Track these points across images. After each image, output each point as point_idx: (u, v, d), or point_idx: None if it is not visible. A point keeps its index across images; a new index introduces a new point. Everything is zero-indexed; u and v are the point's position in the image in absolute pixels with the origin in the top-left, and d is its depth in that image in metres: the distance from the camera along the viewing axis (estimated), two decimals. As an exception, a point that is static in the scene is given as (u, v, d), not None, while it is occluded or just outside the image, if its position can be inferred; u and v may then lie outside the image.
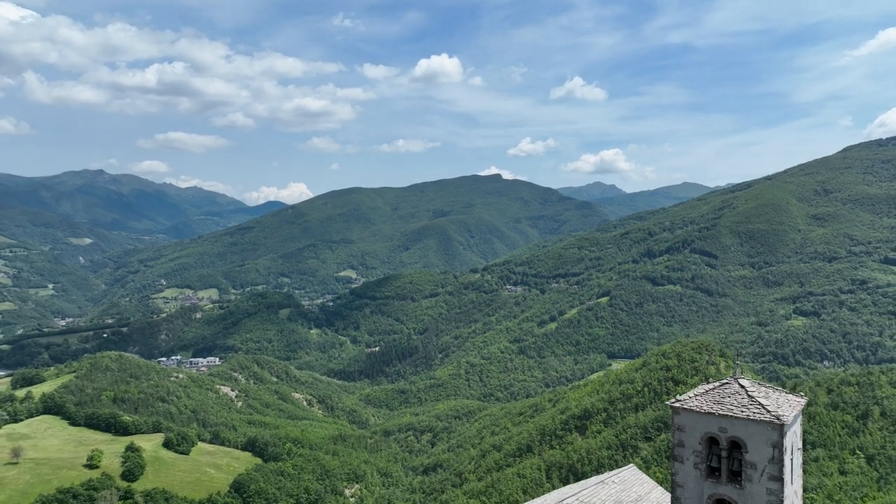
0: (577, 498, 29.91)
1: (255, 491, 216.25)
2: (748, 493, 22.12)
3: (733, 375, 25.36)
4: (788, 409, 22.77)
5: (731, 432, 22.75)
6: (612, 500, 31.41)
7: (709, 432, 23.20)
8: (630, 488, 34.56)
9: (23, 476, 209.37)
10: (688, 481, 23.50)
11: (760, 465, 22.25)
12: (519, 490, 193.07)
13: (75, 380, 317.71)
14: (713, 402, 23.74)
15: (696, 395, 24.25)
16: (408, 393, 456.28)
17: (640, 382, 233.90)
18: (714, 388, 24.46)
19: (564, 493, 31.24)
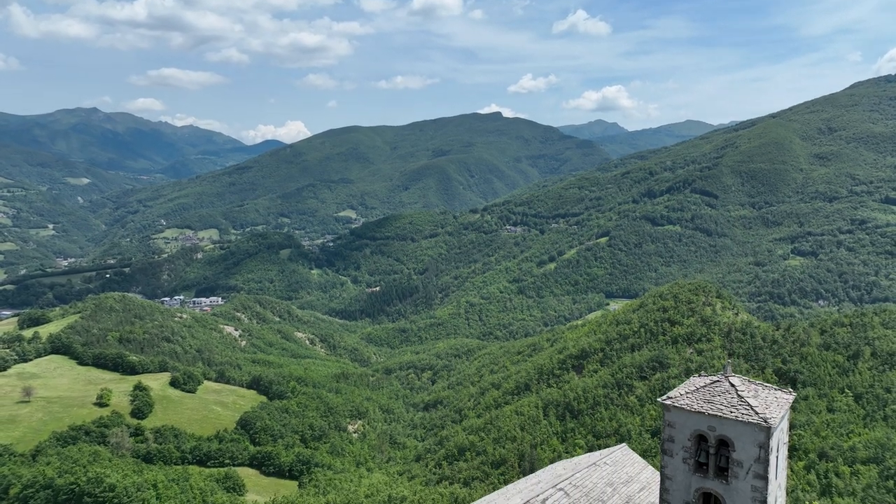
0: (570, 482, 31.01)
1: (261, 428, 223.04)
2: (734, 489, 23.06)
3: (724, 373, 25.79)
4: (776, 410, 23.36)
5: (719, 431, 23.53)
6: (603, 482, 32.63)
7: (698, 430, 24.01)
8: (621, 469, 35.90)
9: (35, 414, 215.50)
10: (676, 474, 24.52)
11: (747, 463, 23.10)
12: (517, 427, 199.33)
13: (81, 320, 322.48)
14: (703, 400, 24.22)
15: (686, 394, 24.77)
16: (408, 332, 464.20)
17: (637, 323, 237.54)
18: (705, 385, 24.97)
19: (559, 474, 32.25)
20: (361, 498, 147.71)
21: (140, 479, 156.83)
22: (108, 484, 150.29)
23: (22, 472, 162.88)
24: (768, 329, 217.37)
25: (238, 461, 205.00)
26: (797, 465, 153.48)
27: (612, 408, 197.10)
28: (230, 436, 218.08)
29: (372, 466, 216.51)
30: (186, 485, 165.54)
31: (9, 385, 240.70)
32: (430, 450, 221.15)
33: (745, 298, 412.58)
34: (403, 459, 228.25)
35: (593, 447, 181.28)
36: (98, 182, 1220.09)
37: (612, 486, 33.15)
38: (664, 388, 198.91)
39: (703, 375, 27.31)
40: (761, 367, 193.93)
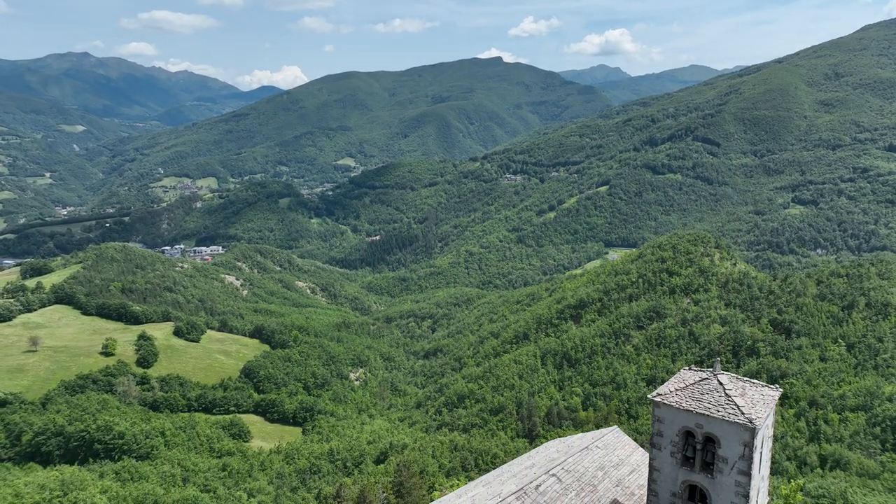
0: (563, 467, 32.06)
1: (265, 376, 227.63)
2: (718, 484, 24.02)
3: (713, 371, 26.25)
4: (762, 409, 24.01)
5: (706, 428, 24.32)
6: (595, 466, 33.73)
7: (686, 426, 24.86)
8: (612, 452, 36.93)
9: (43, 363, 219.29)
10: (664, 467, 25.55)
11: (732, 460, 23.92)
12: (515, 375, 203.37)
13: (83, 271, 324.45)
14: (692, 398, 24.93)
15: (676, 391, 25.35)
16: (408, 281, 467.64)
17: (636, 273, 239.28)
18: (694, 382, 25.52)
19: (552, 458, 33.27)
20: (364, 444, 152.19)
21: (148, 427, 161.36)
22: (117, 431, 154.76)
23: (33, 419, 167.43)
24: (765, 279, 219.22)
25: (243, 408, 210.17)
26: (788, 413, 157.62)
27: (609, 357, 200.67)
28: (234, 384, 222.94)
29: (374, 413, 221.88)
30: (193, 432, 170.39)
31: (15, 335, 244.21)
32: (431, 397, 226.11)
33: (743, 247, 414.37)
34: (404, 406, 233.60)
35: (590, 395, 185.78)
36: (93, 129, 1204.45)
37: (602, 470, 34.53)
38: (661, 338, 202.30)
39: (692, 370, 27.90)
40: (757, 317, 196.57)
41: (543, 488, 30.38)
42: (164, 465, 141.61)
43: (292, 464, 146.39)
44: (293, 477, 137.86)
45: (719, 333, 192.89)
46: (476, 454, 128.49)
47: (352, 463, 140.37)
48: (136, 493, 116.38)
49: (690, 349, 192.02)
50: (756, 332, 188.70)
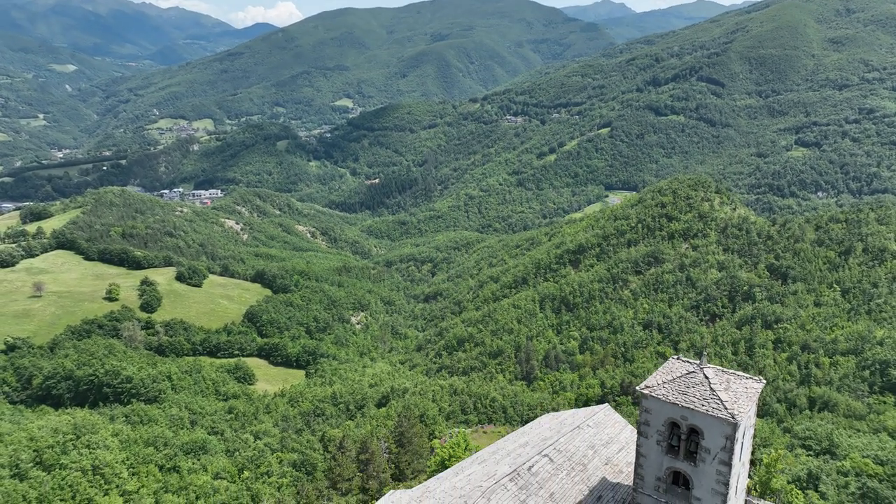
0: (555, 447, 33.46)
1: (267, 321, 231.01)
2: (701, 471, 25.37)
3: (700, 364, 26.97)
4: (745, 403, 24.98)
5: (691, 421, 25.50)
6: (585, 445, 35.21)
7: (672, 418, 26.04)
8: (603, 430, 38.30)
9: (48, 308, 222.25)
10: (650, 453, 26.93)
11: (714, 450, 25.14)
12: (514, 320, 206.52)
13: (82, 216, 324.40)
14: (678, 392, 26.01)
15: (663, 383, 26.22)
16: (408, 224, 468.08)
17: (635, 218, 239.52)
18: (680, 376, 26.37)
19: (545, 437, 34.48)
20: (366, 388, 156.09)
21: (155, 372, 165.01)
22: (125, 376, 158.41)
23: (42, 364, 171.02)
24: (764, 224, 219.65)
25: (247, 352, 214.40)
26: (780, 357, 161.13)
27: (607, 301, 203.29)
28: (238, 328, 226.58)
29: (375, 356, 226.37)
30: (199, 376, 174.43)
31: (19, 280, 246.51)
32: (431, 340, 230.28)
33: (744, 191, 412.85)
34: (405, 349, 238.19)
35: (587, 339, 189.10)
36: (85, 69, 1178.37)
37: (593, 449, 36.08)
38: (658, 283, 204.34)
39: (680, 360, 28.65)
40: (754, 262, 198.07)
41: (536, 469, 32.01)
42: (171, 409, 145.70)
43: (297, 407, 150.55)
44: (298, 419, 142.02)
45: (716, 279, 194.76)
46: (475, 398, 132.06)
47: (354, 406, 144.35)
48: (146, 435, 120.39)
49: (687, 294, 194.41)
50: (753, 278, 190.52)
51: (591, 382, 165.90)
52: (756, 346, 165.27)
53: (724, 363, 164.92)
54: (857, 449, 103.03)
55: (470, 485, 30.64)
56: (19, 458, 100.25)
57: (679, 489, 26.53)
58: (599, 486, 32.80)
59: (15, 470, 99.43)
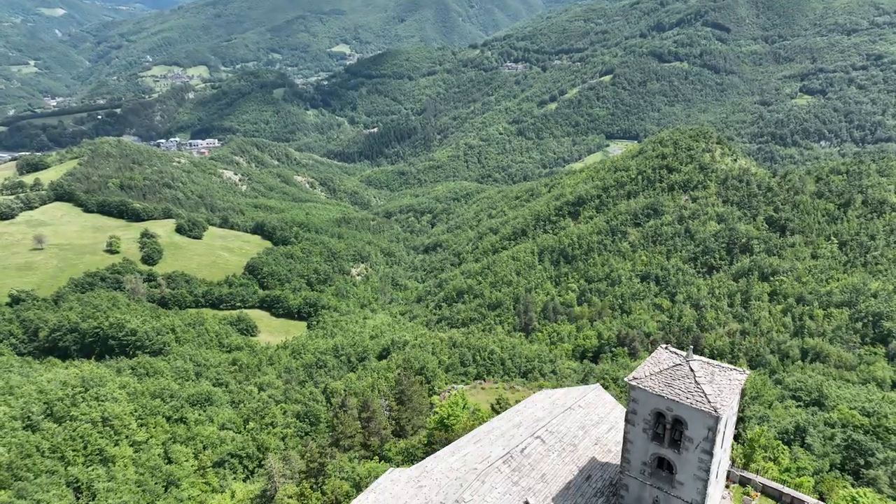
0: (547, 428, 34.99)
1: (268, 273, 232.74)
2: (684, 458, 26.86)
3: (686, 357, 27.74)
4: (728, 396, 26.05)
5: (676, 412, 26.72)
6: (576, 426, 36.74)
7: (657, 408, 27.25)
8: (593, 411, 39.61)
9: (50, 261, 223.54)
10: (637, 440, 28.41)
11: (697, 440, 26.45)
12: (513, 272, 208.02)
13: (80, 167, 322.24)
14: (664, 384, 27.12)
15: (650, 375, 27.25)
16: (407, 174, 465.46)
17: (635, 170, 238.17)
18: (667, 368, 27.32)
19: (538, 418, 35.79)
20: (367, 340, 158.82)
21: (159, 324, 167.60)
22: (129, 329, 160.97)
23: (48, 316, 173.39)
24: (764, 176, 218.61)
25: (249, 304, 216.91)
26: (775, 309, 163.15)
27: (605, 254, 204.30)
28: (239, 280, 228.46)
29: (376, 308, 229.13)
30: (202, 328, 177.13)
31: (20, 233, 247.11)
32: (431, 292, 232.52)
33: (746, 140, 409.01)
34: (405, 300, 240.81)
35: (585, 291, 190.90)
36: (74, 13, 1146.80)
37: (583, 429, 37.56)
38: (657, 235, 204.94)
39: (668, 349, 29.47)
40: (753, 214, 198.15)
41: (528, 450, 33.60)
42: (176, 361, 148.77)
43: (299, 359, 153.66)
44: (300, 371, 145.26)
45: (715, 231, 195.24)
46: (474, 350, 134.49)
47: (356, 358, 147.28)
48: (152, 388, 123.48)
49: (686, 246, 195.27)
50: (751, 230, 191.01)
51: (588, 334, 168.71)
52: (752, 299, 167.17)
53: (720, 315, 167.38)
54: (845, 400, 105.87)
55: (465, 466, 32.29)
56: (31, 411, 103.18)
57: (663, 473, 28.18)
58: (589, 465, 34.41)
59: (27, 422, 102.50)
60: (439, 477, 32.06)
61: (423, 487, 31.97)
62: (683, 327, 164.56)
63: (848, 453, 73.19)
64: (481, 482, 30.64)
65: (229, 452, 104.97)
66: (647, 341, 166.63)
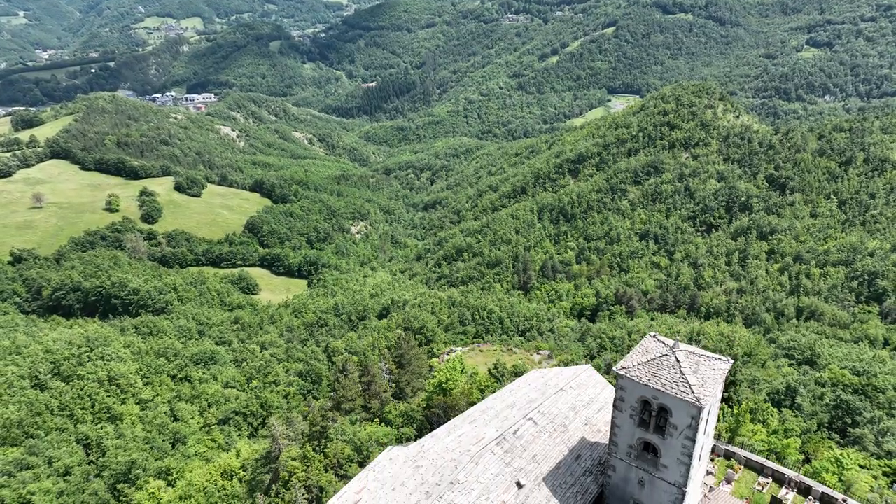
0: (539, 409, 36.52)
1: (268, 231, 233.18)
2: (668, 444, 28.35)
3: (673, 348, 28.46)
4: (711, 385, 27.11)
5: (661, 401, 27.96)
6: (567, 407, 38.16)
7: (644, 397, 28.33)
8: (584, 392, 40.92)
9: (50, 220, 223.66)
10: (624, 425, 29.85)
11: (680, 427, 27.65)
12: (512, 230, 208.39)
13: (75, 123, 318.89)
14: (650, 374, 28.20)
15: (637, 365, 28.24)
16: (406, 130, 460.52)
17: (636, 127, 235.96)
18: (654, 358, 28.24)
19: (531, 399, 37.08)
20: (367, 299, 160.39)
21: (160, 283, 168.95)
22: (132, 288, 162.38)
23: (50, 275, 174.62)
24: (766, 133, 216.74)
25: (249, 262, 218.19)
26: (773, 268, 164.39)
27: (605, 212, 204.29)
28: (239, 239, 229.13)
29: (375, 266, 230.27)
30: (204, 287, 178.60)
31: (18, 191, 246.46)
32: (430, 250, 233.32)
33: (749, 94, 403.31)
34: (404, 258, 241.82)
35: (584, 249, 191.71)
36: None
37: (574, 410, 38.92)
38: (657, 194, 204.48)
39: (657, 338, 30.20)
40: (754, 172, 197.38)
41: (521, 432, 35.06)
42: (179, 320, 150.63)
43: (300, 317, 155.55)
44: (302, 330, 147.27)
45: (715, 189, 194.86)
46: (473, 310, 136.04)
47: (356, 317, 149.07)
48: (156, 347, 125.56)
49: (685, 205, 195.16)
50: (751, 188, 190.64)
51: (586, 292, 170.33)
52: (750, 258, 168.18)
53: (718, 274, 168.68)
54: (837, 359, 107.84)
55: (460, 447, 33.73)
56: (38, 370, 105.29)
57: (649, 456, 29.80)
58: (578, 445, 35.94)
59: (35, 381, 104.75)
60: (435, 457, 33.45)
61: (419, 468, 33.39)
62: (681, 286, 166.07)
63: (836, 413, 75.15)
64: (475, 464, 32.05)
65: (234, 410, 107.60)
66: (645, 300, 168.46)
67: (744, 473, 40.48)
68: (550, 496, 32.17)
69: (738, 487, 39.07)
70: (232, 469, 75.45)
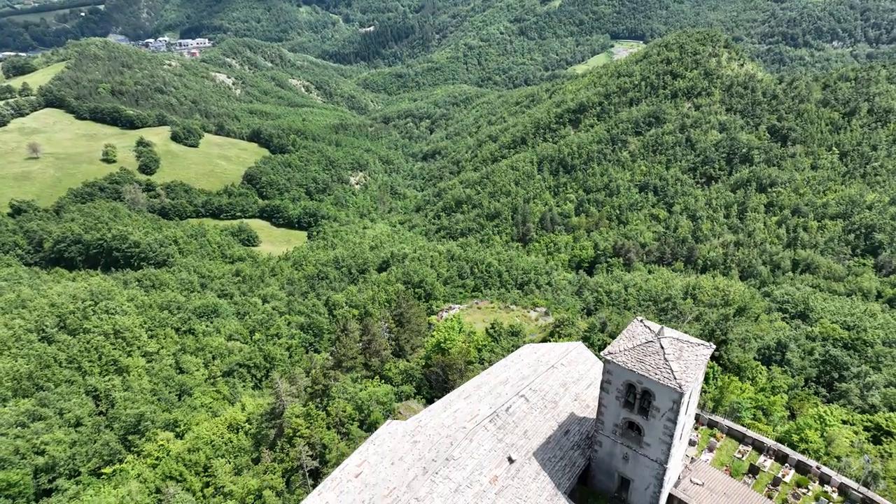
0: (531, 387, 38.55)
1: (267, 182, 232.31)
2: (651, 424, 30.30)
3: (658, 334, 29.61)
4: (693, 371, 28.76)
5: (645, 385, 29.61)
6: (558, 384, 39.83)
7: (629, 381, 29.78)
8: (574, 368, 42.48)
9: (47, 171, 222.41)
10: (610, 406, 31.67)
11: (663, 409, 29.37)
12: (511, 182, 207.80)
13: (68, 70, 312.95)
14: (635, 360, 29.76)
15: (623, 351, 29.65)
16: (405, 77, 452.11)
17: (639, 76, 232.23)
18: (640, 344, 29.66)
19: (524, 375, 38.96)
20: (367, 252, 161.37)
21: (161, 236, 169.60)
22: (132, 241, 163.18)
23: (51, 227, 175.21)
24: (770, 82, 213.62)
25: (249, 214, 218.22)
26: (770, 221, 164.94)
27: (605, 163, 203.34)
28: (238, 190, 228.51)
29: (375, 217, 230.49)
30: (204, 240, 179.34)
31: (13, 141, 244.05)
32: (429, 201, 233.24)
33: (755, 40, 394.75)
34: (404, 209, 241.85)
35: (583, 201, 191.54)
36: None
37: (564, 387, 40.48)
38: (658, 145, 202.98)
39: (643, 324, 31.32)
40: (756, 123, 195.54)
41: (513, 409, 36.79)
42: (181, 273, 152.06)
43: (301, 270, 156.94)
44: (302, 283, 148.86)
45: (716, 140, 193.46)
46: (472, 263, 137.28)
47: (356, 270, 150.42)
48: (160, 300, 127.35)
49: (686, 156, 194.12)
50: (753, 140, 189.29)
51: (584, 244, 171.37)
52: (748, 210, 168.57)
53: (716, 227, 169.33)
54: (829, 313, 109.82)
55: (456, 424, 35.36)
56: (45, 324, 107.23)
57: (633, 434, 31.90)
58: (568, 420, 37.81)
59: (42, 334, 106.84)
60: (432, 433, 35.16)
61: (417, 443, 35.03)
62: (679, 238, 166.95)
63: (824, 368, 77.24)
64: (469, 440, 33.81)
65: (237, 363, 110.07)
66: (643, 252, 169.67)
67: (725, 442, 42.45)
68: (540, 470, 34.17)
69: (720, 455, 41.15)
70: (237, 423, 78.00)
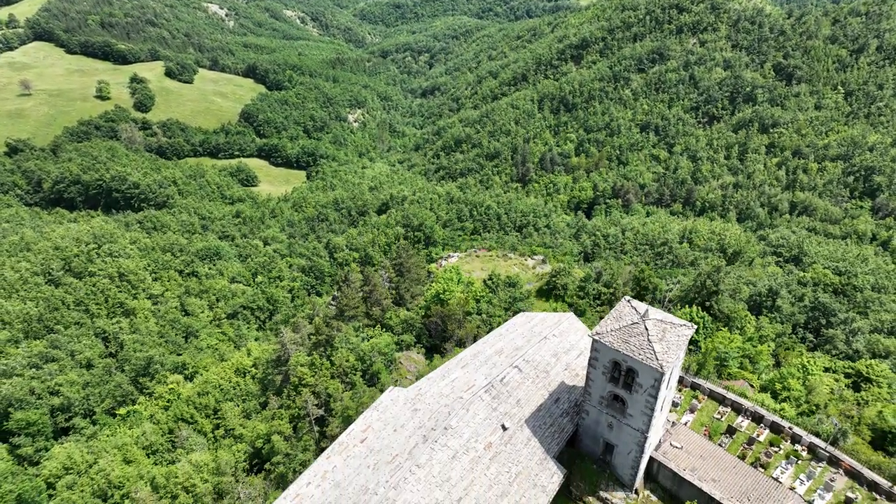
0: (524, 357, 40.71)
1: (264, 120, 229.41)
2: (634, 398, 33.10)
3: (643, 316, 31.34)
4: (674, 352, 31.29)
5: (629, 363, 32.33)
6: (549, 354, 42.07)
7: (614, 359, 32.07)
8: (566, 339, 44.38)
9: (40, 108, 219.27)
10: (597, 380, 34.51)
11: (645, 386, 31.94)
12: (511, 121, 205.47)
13: (54, 0, 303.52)
14: (621, 340, 32.28)
15: (610, 332, 31.69)
16: (403, 7, 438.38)
17: (644, 9, 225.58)
18: (626, 325, 31.79)
19: (517, 346, 41.80)
20: (366, 193, 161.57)
21: (160, 177, 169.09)
22: (132, 182, 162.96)
23: (49, 167, 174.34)
24: (779, 17, 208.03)
25: (247, 153, 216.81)
26: (771, 162, 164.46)
27: (606, 102, 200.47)
28: (235, 128, 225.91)
29: (374, 156, 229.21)
30: (203, 180, 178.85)
31: (4, 76, 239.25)
32: (429, 140, 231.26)
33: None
34: (403, 148, 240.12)
35: (583, 141, 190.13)
36: None
37: (556, 357, 42.56)
38: (661, 82, 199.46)
39: (630, 304, 33.11)
40: (762, 61, 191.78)
41: (507, 379, 39.12)
42: (181, 214, 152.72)
43: (301, 212, 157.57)
44: (303, 225, 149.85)
45: (720, 78, 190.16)
46: (471, 206, 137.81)
47: (356, 212, 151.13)
48: (162, 242, 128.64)
49: (689, 95, 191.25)
50: (757, 78, 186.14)
51: (584, 185, 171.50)
52: (749, 151, 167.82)
53: (716, 168, 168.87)
54: (822, 258, 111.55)
55: (453, 393, 37.96)
56: (51, 267, 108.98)
57: (617, 405, 34.72)
58: (558, 389, 40.19)
59: (49, 277, 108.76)
60: (431, 402, 37.48)
61: (417, 411, 37.28)
62: (678, 180, 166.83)
63: (812, 314, 79.35)
64: (466, 410, 36.18)
65: (241, 305, 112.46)
66: (642, 193, 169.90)
67: (706, 403, 44.91)
68: (531, 436, 36.89)
69: (700, 416, 43.79)
70: (244, 367, 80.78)
